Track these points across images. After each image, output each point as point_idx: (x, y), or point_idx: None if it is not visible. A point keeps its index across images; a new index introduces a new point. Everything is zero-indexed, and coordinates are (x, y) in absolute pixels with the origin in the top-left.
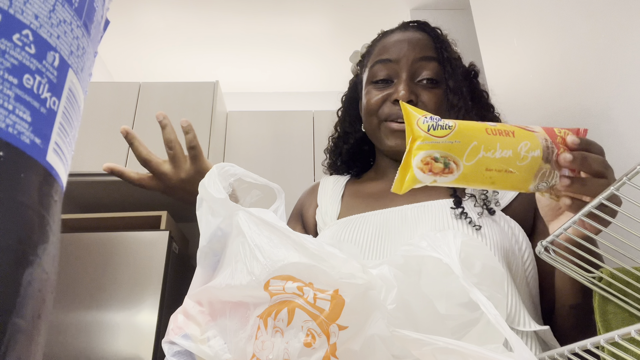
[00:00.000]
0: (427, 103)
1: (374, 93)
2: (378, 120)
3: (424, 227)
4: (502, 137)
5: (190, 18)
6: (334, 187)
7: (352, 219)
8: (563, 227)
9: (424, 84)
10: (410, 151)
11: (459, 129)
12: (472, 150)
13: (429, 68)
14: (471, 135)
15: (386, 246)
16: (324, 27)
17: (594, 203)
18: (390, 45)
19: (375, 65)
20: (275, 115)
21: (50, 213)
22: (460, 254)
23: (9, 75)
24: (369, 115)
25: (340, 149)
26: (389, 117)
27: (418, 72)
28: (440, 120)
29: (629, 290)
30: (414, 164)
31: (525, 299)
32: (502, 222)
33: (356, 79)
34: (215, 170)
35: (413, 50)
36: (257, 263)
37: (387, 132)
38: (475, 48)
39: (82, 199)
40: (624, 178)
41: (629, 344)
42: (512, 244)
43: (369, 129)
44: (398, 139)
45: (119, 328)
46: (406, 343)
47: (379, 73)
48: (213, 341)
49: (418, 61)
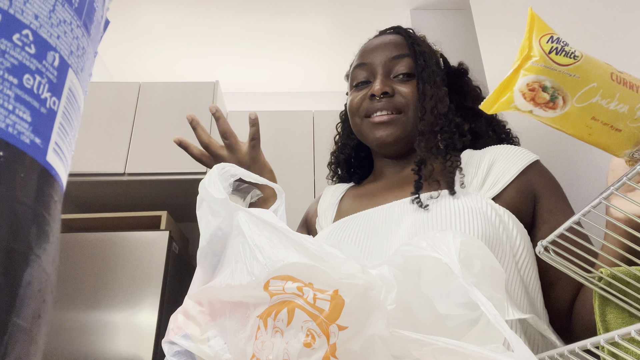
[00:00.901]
0: (403, 94)
1: (354, 95)
2: (360, 119)
3: (406, 223)
4: (624, 88)
5: (190, 18)
6: (333, 194)
7: (343, 221)
8: (563, 226)
9: (400, 78)
10: (518, 69)
11: (583, 63)
12: (588, 91)
13: (402, 64)
14: (594, 74)
15: (373, 244)
16: (324, 27)
17: (594, 203)
18: (367, 50)
19: (353, 70)
20: (275, 115)
21: (50, 213)
22: (459, 254)
23: (9, 75)
24: (352, 116)
25: (339, 159)
26: (368, 112)
27: (393, 69)
28: (567, 45)
29: (629, 290)
30: (517, 86)
31: (516, 289)
32: (489, 210)
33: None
34: (216, 170)
35: (387, 50)
36: (257, 263)
37: (370, 127)
38: (475, 48)
39: (82, 199)
40: (624, 178)
41: (629, 344)
42: (500, 232)
43: (356, 131)
44: (380, 130)
45: (119, 328)
46: (406, 343)
47: (358, 76)
48: (213, 341)
49: (392, 60)
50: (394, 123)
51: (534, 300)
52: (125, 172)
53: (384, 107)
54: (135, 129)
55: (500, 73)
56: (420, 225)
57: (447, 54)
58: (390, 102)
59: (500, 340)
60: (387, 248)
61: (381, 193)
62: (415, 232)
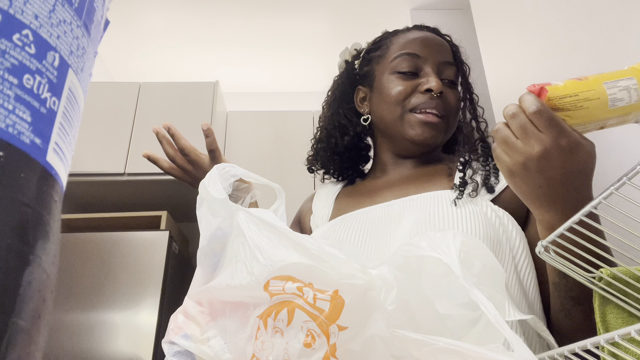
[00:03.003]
0: (450, 100)
1: (400, 82)
2: (403, 110)
3: (407, 222)
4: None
5: (190, 18)
6: (328, 192)
7: (341, 219)
8: (563, 227)
9: (446, 82)
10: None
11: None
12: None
13: (451, 70)
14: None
15: (372, 243)
16: (324, 27)
17: (594, 203)
18: (417, 41)
19: (401, 56)
20: (275, 115)
21: (50, 213)
22: (460, 254)
23: (9, 75)
24: (392, 104)
25: (337, 139)
26: (418, 107)
27: (441, 72)
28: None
29: (629, 290)
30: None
31: (515, 290)
32: (489, 212)
33: (353, 72)
34: (216, 170)
35: (439, 52)
36: (257, 263)
37: (414, 123)
38: (475, 48)
39: (82, 199)
40: (623, 178)
41: (629, 344)
42: (500, 234)
43: (389, 118)
44: (427, 130)
45: (119, 328)
46: (406, 343)
47: (405, 64)
48: (213, 341)
49: (443, 64)
50: (440, 127)
51: (533, 303)
52: (125, 172)
53: (437, 107)
54: (135, 129)
55: (500, 73)
56: (421, 225)
57: None
58: (443, 103)
59: (500, 340)
60: (387, 247)
61: (381, 191)
62: (416, 231)
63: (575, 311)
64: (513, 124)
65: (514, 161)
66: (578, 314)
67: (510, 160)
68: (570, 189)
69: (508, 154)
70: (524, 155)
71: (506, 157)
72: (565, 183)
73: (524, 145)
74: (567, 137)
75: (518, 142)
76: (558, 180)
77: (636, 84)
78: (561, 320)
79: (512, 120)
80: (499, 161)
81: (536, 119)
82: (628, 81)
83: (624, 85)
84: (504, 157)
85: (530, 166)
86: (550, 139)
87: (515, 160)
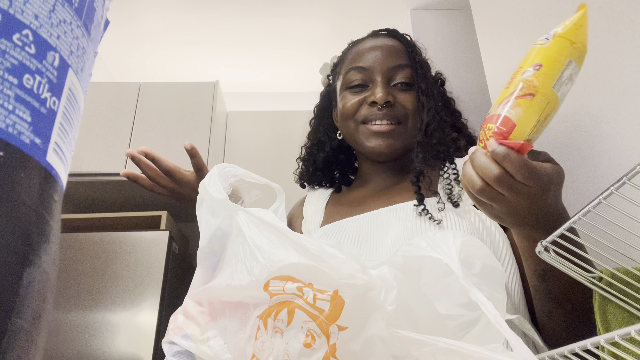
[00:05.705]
0: (404, 104)
1: (350, 97)
2: (355, 124)
3: (394, 230)
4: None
5: (190, 18)
6: (319, 198)
7: (331, 226)
8: (563, 227)
9: (399, 87)
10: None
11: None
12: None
13: (403, 73)
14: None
15: (362, 251)
16: (324, 27)
17: (593, 203)
18: (364, 52)
19: (349, 71)
20: (275, 115)
21: (50, 213)
22: (460, 254)
23: (9, 75)
24: (346, 119)
25: (315, 157)
26: (367, 119)
27: (393, 77)
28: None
29: (629, 290)
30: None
31: None
32: (472, 218)
33: (328, 88)
34: (216, 170)
35: (387, 57)
36: (257, 263)
37: (367, 135)
38: (475, 48)
39: (82, 199)
40: (623, 178)
41: (629, 344)
42: (484, 237)
43: (347, 133)
44: (378, 139)
45: (119, 328)
46: (406, 343)
47: (353, 78)
48: (213, 341)
49: (393, 68)
50: (393, 134)
51: (518, 305)
52: None
53: (385, 116)
54: (135, 129)
55: (500, 73)
56: (408, 233)
57: (447, 54)
58: (391, 111)
59: (500, 340)
60: (375, 255)
61: (368, 200)
62: (403, 239)
63: (557, 313)
64: (500, 188)
65: (501, 210)
66: (560, 315)
67: (499, 209)
68: (550, 208)
69: (494, 206)
70: (513, 206)
71: (492, 209)
72: (545, 207)
73: (515, 198)
74: (546, 177)
75: (506, 196)
76: (540, 208)
77: (576, 67)
78: (545, 322)
79: (498, 184)
80: (483, 209)
81: (520, 175)
82: (569, 70)
83: (567, 75)
84: (489, 209)
85: (518, 212)
86: (537, 189)
87: (502, 210)
